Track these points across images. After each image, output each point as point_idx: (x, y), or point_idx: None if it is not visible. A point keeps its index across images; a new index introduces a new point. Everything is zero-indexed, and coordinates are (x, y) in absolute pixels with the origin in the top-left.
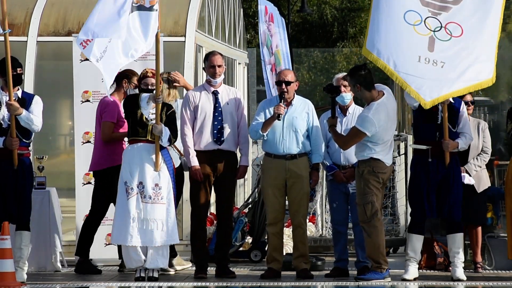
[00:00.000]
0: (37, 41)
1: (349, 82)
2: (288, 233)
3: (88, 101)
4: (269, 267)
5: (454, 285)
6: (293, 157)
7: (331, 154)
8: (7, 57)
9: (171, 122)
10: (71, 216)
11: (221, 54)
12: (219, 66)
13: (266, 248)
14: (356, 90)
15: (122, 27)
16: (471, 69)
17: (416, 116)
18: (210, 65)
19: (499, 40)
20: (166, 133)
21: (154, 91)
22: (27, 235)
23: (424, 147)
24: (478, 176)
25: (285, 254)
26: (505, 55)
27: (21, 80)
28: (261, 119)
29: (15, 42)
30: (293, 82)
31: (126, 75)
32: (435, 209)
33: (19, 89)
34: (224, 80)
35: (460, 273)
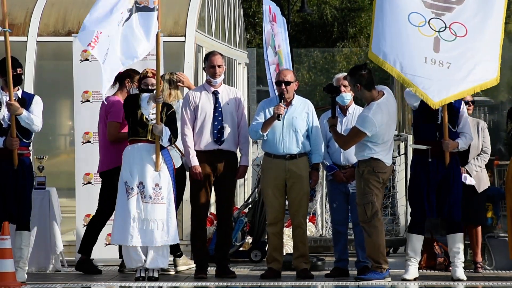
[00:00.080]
0: (37, 41)
1: (349, 82)
2: (288, 233)
3: (88, 101)
4: (269, 267)
5: (454, 285)
6: (293, 157)
7: (331, 154)
8: (7, 57)
9: (171, 122)
10: (71, 216)
11: (221, 54)
12: (219, 66)
13: (266, 248)
14: (356, 90)
15: (111, 24)
16: (477, 69)
17: (416, 116)
18: (210, 65)
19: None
20: (166, 133)
21: (154, 91)
22: (27, 235)
23: (424, 147)
24: (478, 176)
25: (285, 254)
26: (505, 55)
27: (21, 80)
28: (261, 119)
29: (15, 42)
30: (292, 82)
31: (128, 75)
32: (435, 209)
33: (19, 89)
34: (224, 80)
35: (460, 273)
